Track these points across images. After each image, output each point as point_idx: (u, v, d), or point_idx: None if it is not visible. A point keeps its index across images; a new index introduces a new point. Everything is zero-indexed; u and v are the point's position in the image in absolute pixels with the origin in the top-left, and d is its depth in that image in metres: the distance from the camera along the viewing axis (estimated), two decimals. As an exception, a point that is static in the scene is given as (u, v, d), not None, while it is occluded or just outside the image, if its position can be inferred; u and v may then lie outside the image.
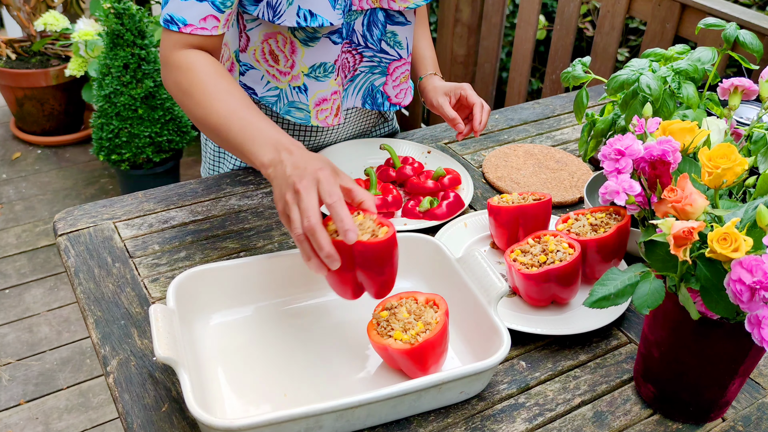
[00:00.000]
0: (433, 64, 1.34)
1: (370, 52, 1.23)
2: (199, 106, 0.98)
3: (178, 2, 1.00)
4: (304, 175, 0.83)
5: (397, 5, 1.17)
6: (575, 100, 1.15)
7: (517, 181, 1.29)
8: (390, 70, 1.28)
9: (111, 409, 2.02)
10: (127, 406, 0.83)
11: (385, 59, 1.26)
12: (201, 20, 1.01)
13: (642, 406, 0.89)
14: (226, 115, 0.96)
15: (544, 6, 3.23)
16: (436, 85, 1.28)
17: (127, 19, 2.35)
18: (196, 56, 1.02)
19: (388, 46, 1.24)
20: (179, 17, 1.01)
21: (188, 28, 1.01)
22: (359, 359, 0.91)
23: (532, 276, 0.95)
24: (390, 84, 1.30)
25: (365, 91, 1.29)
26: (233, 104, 0.96)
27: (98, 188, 2.96)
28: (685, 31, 1.93)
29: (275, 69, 1.18)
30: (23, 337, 2.24)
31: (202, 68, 1.00)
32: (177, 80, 1.01)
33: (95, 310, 0.96)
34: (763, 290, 0.64)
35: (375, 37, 1.21)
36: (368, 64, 1.25)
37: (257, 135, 0.92)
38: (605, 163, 0.80)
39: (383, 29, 1.21)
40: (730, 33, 1.06)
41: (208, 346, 0.91)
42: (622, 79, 1.05)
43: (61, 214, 1.15)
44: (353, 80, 1.26)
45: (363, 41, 1.21)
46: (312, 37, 1.13)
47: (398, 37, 1.24)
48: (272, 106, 1.22)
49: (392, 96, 1.31)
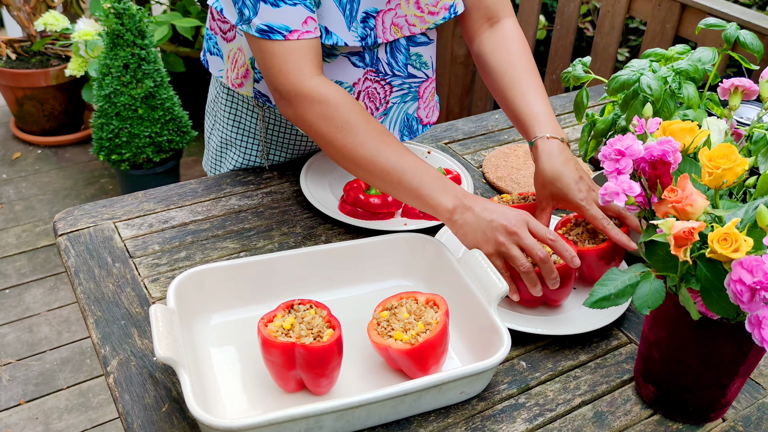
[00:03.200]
0: (546, 121, 1.05)
1: (398, 80, 1.17)
2: (362, 147, 0.95)
3: (270, 10, 0.93)
4: (508, 218, 0.91)
5: (418, 29, 1.12)
6: (575, 100, 1.14)
7: (517, 181, 1.29)
8: (420, 92, 1.21)
9: (111, 409, 2.02)
10: (127, 406, 0.83)
11: (414, 83, 1.20)
12: (303, 23, 0.94)
13: (642, 407, 0.89)
14: (396, 159, 0.95)
15: (544, 6, 3.23)
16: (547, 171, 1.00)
17: (127, 19, 2.35)
18: (337, 89, 0.97)
19: (415, 68, 1.18)
20: (279, 25, 0.93)
21: (295, 34, 0.94)
22: (359, 359, 0.91)
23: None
24: (422, 107, 1.24)
25: (401, 123, 1.22)
26: (398, 148, 0.96)
27: (98, 188, 2.96)
28: (685, 31, 1.93)
29: None
30: (23, 337, 2.24)
31: (348, 103, 0.96)
32: (324, 114, 0.95)
33: (95, 310, 0.96)
34: (763, 290, 0.64)
35: (401, 63, 1.15)
36: (399, 93, 1.19)
37: (436, 183, 0.95)
38: (605, 163, 0.80)
39: (407, 53, 1.15)
40: (731, 33, 1.06)
41: (208, 346, 0.91)
42: (622, 80, 1.05)
43: (61, 214, 1.15)
44: (387, 114, 1.20)
45: (389, 69, 1.14)
46: (329, 53, 1.08)
47: (423, 57, 1.18)
48: None
49: (423, 118, 1.26)
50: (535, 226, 0.92)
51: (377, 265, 1.01)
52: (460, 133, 1.46)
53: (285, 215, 1.18)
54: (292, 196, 1.23)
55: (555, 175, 1.00)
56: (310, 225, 1.15)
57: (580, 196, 0.98)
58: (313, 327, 0.82)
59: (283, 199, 1.22)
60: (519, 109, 1.08)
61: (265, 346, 0.80)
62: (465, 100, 2.85)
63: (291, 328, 0.81)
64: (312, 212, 1.18)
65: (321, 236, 1.13)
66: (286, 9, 0.93)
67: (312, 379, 0.82)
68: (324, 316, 0.84)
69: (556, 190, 1.00)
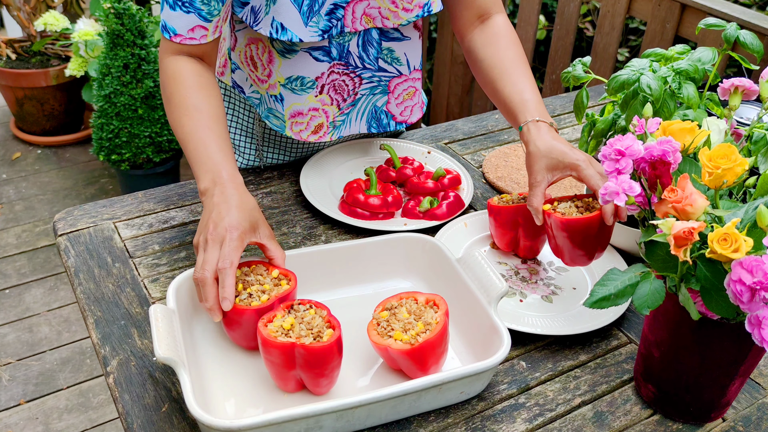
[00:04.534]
0: (535, 108, 1.07)
1: (368, 73, 1.20)
2: (172, 117, 1.03)
3: (168, 11, 1.02)
4: (217, 227, 0.89)
5: (391, 23, 1.15)
6: (575, 100, 1.14)
7: (517, 181, 1.29)
8: (391, 87, 1.24)
9: (111, 409, 2.02)
10: (127, 406, 0.83)
11: (384, 77, 1.22)
12: (189, 30, 1.02)
13: (642, 407, 0.89)
14: (189, 132, 1.01)
15: (544, 6, 3.23)
16: (540, 146, 1.01)
17: (127, 19, 2.35)
18: (184, 65, 1.04)
19: (386, 63, 1.21)
20: (170, 26, 1.03)
21: (177, 38, 1.03)
22: (359, 359, 0.91)
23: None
24: (393, 102, 1.26)
25: (369, 114, 1.25)
26: (197, 123, 1.01)
27: (98, 188, 2.96)
28: (685, 31, 1.93)
29: (255, 75, 1.19)
30: (23, 337, 2.24)
31: (183, 79, 1.03)
32: (163, 86, 1.05)
33: (95, 310, 0.96)
34: (763, 291, 0.64)
35: (371, 57, 1.18)
36: (368, 86, 1.22)
37: (204, 160, 0.97)
38: (605, 163, 0.80)
39: (378, 47, 1.18)
40: (731, 33, 1.06)
41: (208, 346, 0.91)
42: (622, 79, 1.05)
43: (61, 214, 1.15)
44: (355, 104, 1.23)
45: (360, 62, 1.18)
46: (289, 49, 1.13)
47: (395, 53, 1.21)
48: (256, 108, 1.23)
49: (397, 114, 1.28)
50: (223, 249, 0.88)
51: (377, 265, 1.01)
52: (460, 133, 1.46)
53: (285, 215, 1.18)
54: (292, 196, 1.23)
55: (548, 147, 1.01)
56: (310, 225, 1.15)
57: (577, 156, 0.99)
58: (313, 327, 0.82)
59: (283, 199, 1.22)
60: (509, 97, 1.10)
61: (265, 346, 0.80)
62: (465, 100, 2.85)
63: (291, 328, 0.81)
64: (312, 212, 1.18)
65: (321, 236, 1.13)
66: (179, 14, 1.01)
67: (312, 379, 0.82)
68: (324, 316, 0.84)
69: (550, 161, 1.00)
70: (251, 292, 0.88)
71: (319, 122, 1.21)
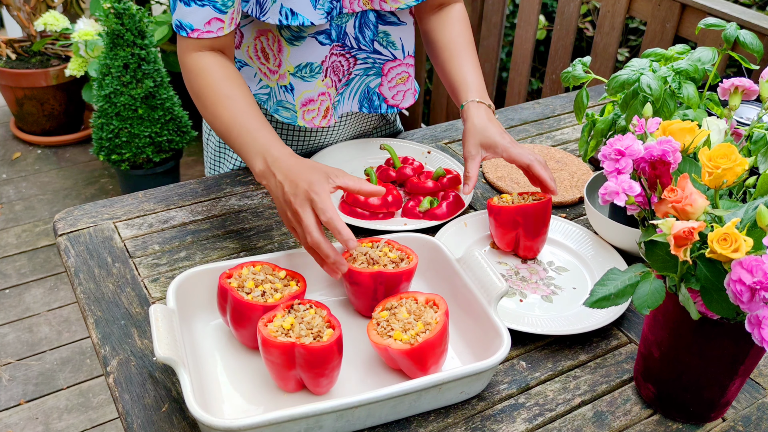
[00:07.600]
0: (476, 90, 1.18)
1: (363, 54, 1.23)
2: (207, 111, 1.04)
3: (183, 8, 1.02)
4: (297, 193, 0.91)
5: (389, 6, 1.17)
6: (575, 100, 1.15)
7: (517, 181, 1.29)
8: (384, 70, 1.27)
9: (111, 409, 2.02)
10: (127, 406, 0.83)
11: (379, 60, 1.25)
12: (206, 24, 1.03)
13: (642, 406, 0.89)
14: (228, 121, 1.01)
15: (544, 6, 3.23)
16: (476, 124, 1.13)
17: (127, 19, 2.35)
18: (207, 59, 1.05)
19: (381, 46, 1.23)
20: (186, 23, 1.03)
21: (195, 33, 1.04)
22: (359, 359, 0.91)
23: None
24: (386, 85, 1.29)
25: (361, 94, 1.28)
26: (234, 110, 1.01)
27: (98, 188, 2.96)
28: (685, 31, 1.93)
29: (266, 67, 1.20)
30: (23, 337, 2.24)
31: (210, 72, 1.04)
32: (190, 84, 1.06)
33: (95, 310, 0.96)
34: (763, 290, 0.64)
35: (367, 39, 1.21)
36: (362, 67, 1.25)
37: (251, 144, 0.99)
38: (605, 163, 0.80)
39: (375, 30, 1.21)
40: (731, 33, 1.06)
41: (208, 346, 0.91)
42: (622, 79, 1.05)
43: (61, 214, 1.15)
44: (348, 84, 1.26)
45: (356, 44, 1.20)
46: (297, 36, 1.14)
47: (391, 37, 1.23)
48: (264, 104, 1.23)
49: (389, 98, 1.30)
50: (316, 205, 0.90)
51: (377, 265, 1.01)
52: (460, 133, 1.46)
53: (285, 215, 1.18)
54: (292, 196, 1.23)
55: (482, 125, 1.12)
56: (310, 225, 1.15)
57: (506, 139, 1.11)
58: (312, 327, 0.82)
59: (283, 199, 1.22)
60: (455, 78, 1.21)
61: (265, 346, 0.80)
62: (465, 100, 2.84)
63: (291, 328, 0.81)
64: (312, 212, 1.18)
65: (321, 236, 1.13)
66: (194, 9, 1.02)
67: (312, 379, 0.82)
68: (324, 316, 0.84)
69: (483, 139, 1.12)
70: (264, 290, 0.88)
71: (326, 106, 1.23)
